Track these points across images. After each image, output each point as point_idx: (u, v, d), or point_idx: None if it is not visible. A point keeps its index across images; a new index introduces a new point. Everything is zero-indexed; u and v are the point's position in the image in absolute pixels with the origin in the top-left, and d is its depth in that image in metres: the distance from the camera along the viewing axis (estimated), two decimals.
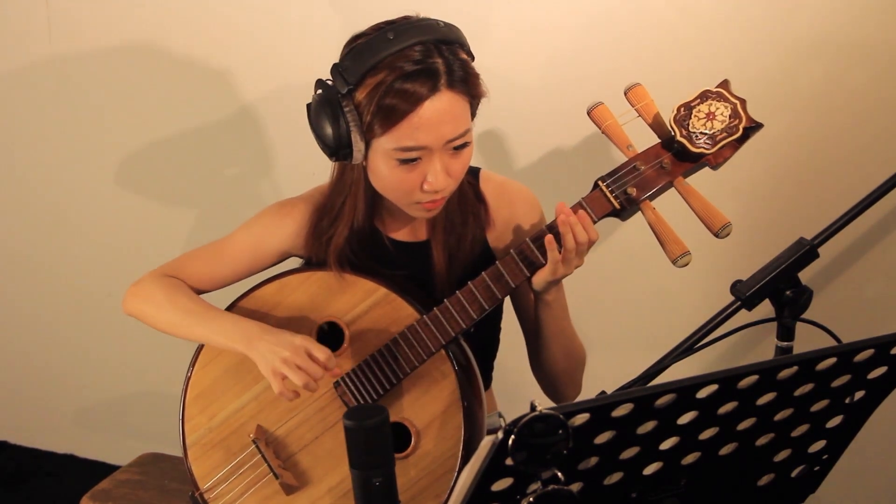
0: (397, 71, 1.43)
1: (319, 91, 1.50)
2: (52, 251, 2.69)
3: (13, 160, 2.64)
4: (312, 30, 2.24)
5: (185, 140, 2.45)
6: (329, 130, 1.47)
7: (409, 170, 1.49)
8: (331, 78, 1.49)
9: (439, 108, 1.45)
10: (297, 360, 1.50)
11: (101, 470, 2.68)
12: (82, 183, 2.58)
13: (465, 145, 1.51)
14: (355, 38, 1.51)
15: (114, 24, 2.41)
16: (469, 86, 1.48)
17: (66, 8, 2.43)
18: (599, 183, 1.52)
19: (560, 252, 1.50)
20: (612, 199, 1.52)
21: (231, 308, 1.65)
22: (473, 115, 1.53)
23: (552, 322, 1.63)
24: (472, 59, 1.52)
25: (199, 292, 1.70)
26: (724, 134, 1.49)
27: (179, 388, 1.67)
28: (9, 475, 2.83)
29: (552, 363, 1.69)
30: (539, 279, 1.54)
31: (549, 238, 1.50)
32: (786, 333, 1.45)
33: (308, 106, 1.52)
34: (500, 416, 1.83)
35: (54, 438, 2.89)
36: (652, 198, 1.52)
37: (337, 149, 1.49)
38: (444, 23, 1.50)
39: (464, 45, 1.51)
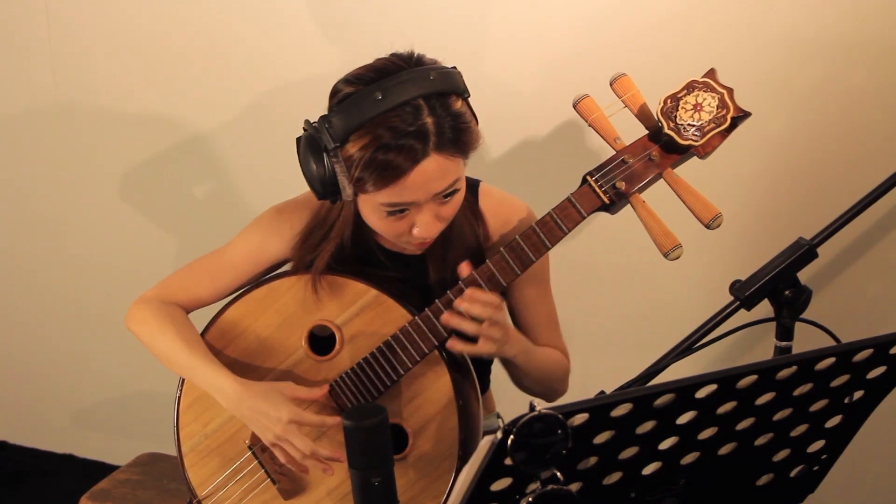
0: (384, 136, 1.39)
1: (308, 133, 1.46)
2: (50, 252, 2.69)
3: (13, 162, 2.64)
4: (288, 41, 2.24)
5: (180, 144, 2.45)
6: (317, 175, 1.44)
7: (397, 219, 1.48)
8: (317, 122, 1.44)
9: (427, 171, 1.42)
10: (288, 438, 1.51)
11: (100, 470, 2.67)
12: (81, 186, 2.58)
13: (455, 192, 1.49)
14: (343, 86, 1.45)
15: (113, 32, 2.41)
16: (459, 145, 1.44)
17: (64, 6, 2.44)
18: (588, 178, 1.51)
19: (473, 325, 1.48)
20: (600, 194, 1.50)
21: (220, 315, 1.63)
22: (467, 158, 1.48)
23: (518, 370, 1.62)
24: (468, 96, 1.47)
25: (202, 305, 1.68)
26: (713, 125, 1.48)
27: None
28: (8, 475, 2.83)
29: (527, 388, 1.69)
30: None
31: (445, 316, 1.50)
32: (785, 333, 1.45)
33: (297, 141, 1.48)
34: (499, 416, 1.83)
35: (53, 438, 2.89)
36: (641, 190, 1.51)
37: (325, 194, 1.47)
38: (437, 71, 1.43)
39: (458, 91, 1.45)
